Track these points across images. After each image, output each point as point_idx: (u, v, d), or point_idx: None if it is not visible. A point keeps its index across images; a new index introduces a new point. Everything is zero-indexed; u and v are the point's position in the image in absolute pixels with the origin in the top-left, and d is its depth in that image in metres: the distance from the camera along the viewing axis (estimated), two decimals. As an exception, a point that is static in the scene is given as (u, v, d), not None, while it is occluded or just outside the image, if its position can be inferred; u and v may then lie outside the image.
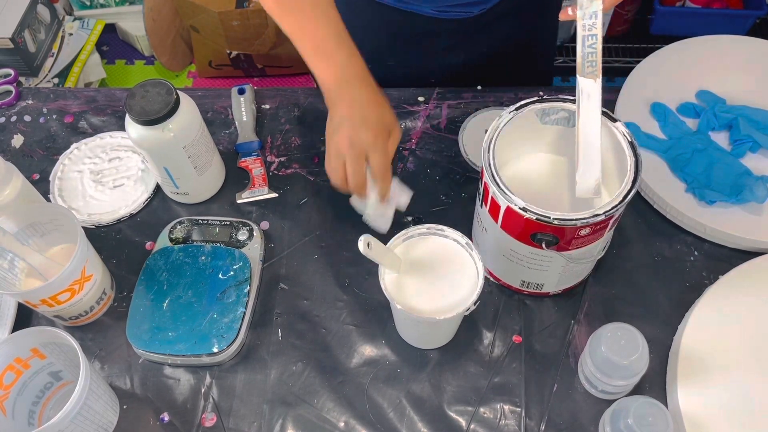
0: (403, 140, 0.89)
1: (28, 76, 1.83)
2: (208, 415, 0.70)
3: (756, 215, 0.78)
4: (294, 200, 0.85)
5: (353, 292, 0.77)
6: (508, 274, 0.74)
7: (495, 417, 0.69)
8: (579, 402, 0.70)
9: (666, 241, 0.79)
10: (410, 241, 0.68)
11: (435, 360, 0.73)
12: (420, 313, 0.64)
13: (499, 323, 0.75)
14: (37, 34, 1.85)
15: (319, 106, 0.94)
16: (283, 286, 0.78)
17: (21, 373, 0.67)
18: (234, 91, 0.94)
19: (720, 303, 0.72)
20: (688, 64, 0.91)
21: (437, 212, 0.83)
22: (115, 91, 0.98)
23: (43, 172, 0.89)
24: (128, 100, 0.74)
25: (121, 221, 0.84)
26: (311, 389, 0.71)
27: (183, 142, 0.76)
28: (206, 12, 1.89)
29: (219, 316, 0.73)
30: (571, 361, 0.72)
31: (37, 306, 0.70)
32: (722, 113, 0.84)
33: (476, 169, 0.86)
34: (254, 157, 0.89)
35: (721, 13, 1.79)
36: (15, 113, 0.96)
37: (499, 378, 0.71)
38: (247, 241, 0.79)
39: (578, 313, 0.75)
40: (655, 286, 0.76)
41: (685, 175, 0.80)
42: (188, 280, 0.75)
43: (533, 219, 0.62)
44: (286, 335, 0.75)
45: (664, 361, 0.71)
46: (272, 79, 2.12)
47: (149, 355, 0.73)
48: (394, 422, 0.69)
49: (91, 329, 0.76)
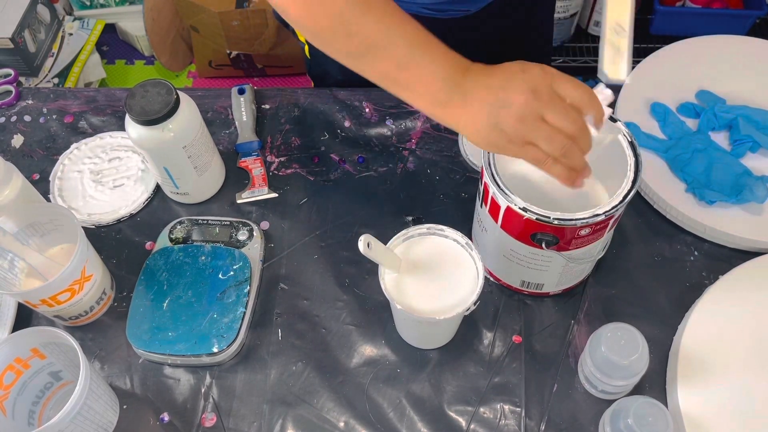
0: (403, 140, 0.89)
1: (28, 76, 1.83)
2: (208, 415, 0.70)
3: (756, 215, 0.78)
4: (294, 200, 0.85)
5: (353, 292, 0.77)
6: (508, 274, 0.74)
7: (495, 417, 0.69)
8: (579, 402, 0.70)
9: (666, 241, 0.79)
10: (410, 241, 0.68)
11: (435, 360, 0.73)
12: (420, 313, 0.64)
13: (499, 323, 0.75)
14: (37, 34, 1.85)
15: (319, 106, 0.94)
16: (283, 286, 0.78)
17: (21, 373, 0.67)
18: (234, 91, 0.94)
19: (720, 303, 0.72)
20: (688, 64, 0.91)
21: (437, 212, 0.83)
22: (115, 91, 0.98)
23: (43, 172, 0.89)
24: (128, 100, 0.74)
25: (121, 221, 0.84)
26: (311, 389, 0.71)
27: (183, 142, 0.76)
28: (206, 12, 1.89)
29: (219, 316, 0.73)
30: (571, 361, 0.72)
31: (37, 306, 0.70)
32: (722, 113, 0.84)
33: (476, 169, 0.86)
34: (254, 157, 0.89)
35: (721, 13, 1.79)
36: (15, 113, 0.96)
37: (499, 378, 0.71)
38: (247, 241, 0.79)
39: (578, 313, 0.75)
40: (655, 286, 0.76)
41: (685, 175, 0.81)
42: (188, 280, 0.75)
43: (533, 219, 0.62)
44: (286, 335, 0.75)
45: (664, 361, 0.71)
46: (272, 79, 2.12)
47: (149, 355, 0.73)
48: (394, 422, 0.69)
49: (91, 329, 0.76)
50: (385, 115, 0.92)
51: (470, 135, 0.60)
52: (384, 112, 0.92)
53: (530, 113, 0.56)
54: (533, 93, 0.55)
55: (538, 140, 0.57)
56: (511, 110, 0.56)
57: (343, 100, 0.94)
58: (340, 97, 0.94)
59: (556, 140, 0.56)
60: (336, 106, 0.93)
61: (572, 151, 0.57)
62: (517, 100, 0.56)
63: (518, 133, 0.57)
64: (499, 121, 0.56)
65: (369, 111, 0.93)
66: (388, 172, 0.87)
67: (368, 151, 0.89)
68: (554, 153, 0.57)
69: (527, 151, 0.58)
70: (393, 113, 0.92)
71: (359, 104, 0.93)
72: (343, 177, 0.87)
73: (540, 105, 0.56)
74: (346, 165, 0.88)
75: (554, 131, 0.56)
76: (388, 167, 0.87)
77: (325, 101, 0.94)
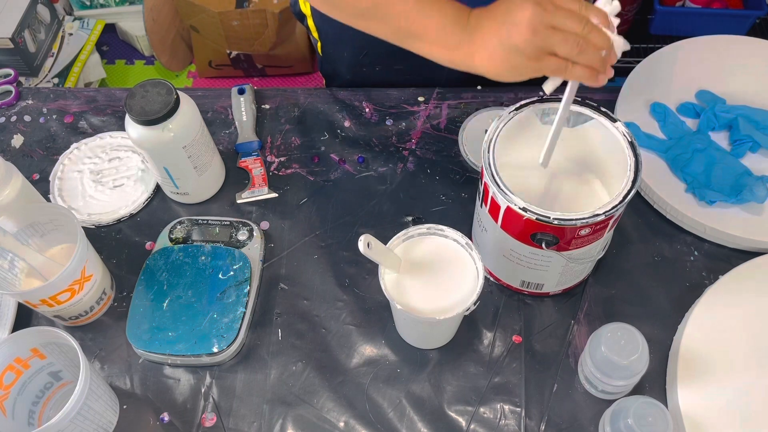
0: (403, 140, 0.89)
1: (28, 76, 1.83)
2: (208, 415, 0.70)
3: (756, 215, 0.78)
4: (294, 200, 0.85)
5: (353, 292, 0.77)
6: (508, 274, 0.74)
7: (495, 417, 0.69)
8: (579, 402, 0.70)
9: (666, 241, 0.79)
10: (410, 241, 0.68)
11: (435, 360, 0.73)
12: (420, 313, 0.64)
13: (499, 323, 0.75)
14: (37, 34, 1.85)
15: (319, 106, 0.94)
16: (283, 286, 0.78)
17: (21, 373, 0.67)
18: (234, 91, 0.94)
19: (720, 303, 0.72)
20: (688, 64, 0.91)
21: (437, 212, 0.83)
22: (115, 91, 0.98)
23: (43, 172, 0.89)
24: (128, 100, 0.74)
25: (121, 221, 0.84)
26: (311, 389, 0.71)
27: (183, 142, 0.76)
28: (206, 12, 1.89)
29: (219, 316, 0.73)
30: (571, 361, 0.72)
31: (37, 306, 0.70)
32: (722, 113, 0.84)
33: (476, 169, 0.86)
34: (254, 157, 0.89)
35: (721, 13, 1.79)
36: (15, 113, 0.96)
37: (499, 378, 0.71)
38: (247, 241, 0.79)
39: (578, 313, 0.75)
40: (655, 286, 0.76)
41: (685, 175, 0.80)
42: (188, 280, 0.75)
43: (533, 219, 0.62)
44: (286, 335, 0.75)
45: (664, 361, 0.71)
46: (272, 79, 2.12)
47: (149, 355, 0.73)
48: (394, 422, 0.69)
49: (91, 329, 0.76)
50: (385, 115, 0.92)
51: (488, 67, 0.62)
52: (384, 112, 0.92)
53: (540, 23, 0.58)
54: (537, 5, 0.58)
55: (553, 46, 0.59)
56: (521, 27, 0.58)
57: (343, 100, 0.94)
58: (340, 97, 0.94)
59: (570, 40, 0.58)
60: (336, 106, 0.93)
61: (587, 48, 0.59)
62: (524, 16, 0.58)
63: (534, 46, 0.59)
64: (512, 41, 0.59)
65: (369, 111, 0.93)
66: (388, 172, 0.87)
67: (368, 151, 0.89)
68: (571, 54, 0.59)
69: (547, 62, 0.60)
70: (393, 113, 0.92)
71: (359, 104, 0.93)
72: (343, 177, 0.87)
73: (546, 14, 0.58)
74: (346, 165, 0.88)
75: (567, 33, 0.58)
76: (388, 167, 0.87)
77: (325, 101, 0.94)
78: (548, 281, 0.72)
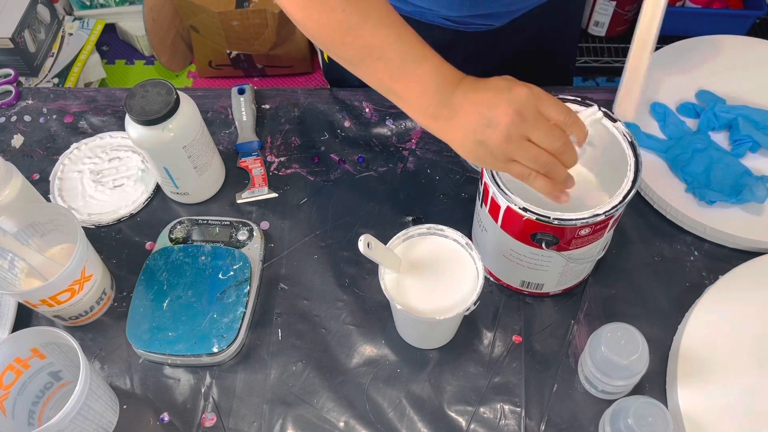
0: (403, 140, 0.89)
1: (28, 76, 1.83)
2: (208, 415, 0.70)
3: (756, 215, 0.78)
4: (294, 200, 0.85)
5: (353, 292, 0.77)
6: (508, 274, 0.74)
7: (495, 417, 0.69)
8: (579, 402, 0.70)
9: (666, 241, 0.79)
10: (410, 241, 0.68)
11: (435, 360, 0.73)
12: (420, 313, 0.64)
13: (499, 323, 0.75)
14: (37, 34, 1.85)
15: (319, 106, 0.94)
16: (283, 286, 0.78)
17: (21, 373, 0.67)
18: (234, 91, 0.94)
19: (720, 303, 0.72)
20: (688, 64, 0.91)
21: (437, 212, 0.83)
22: (115, 91, 0.98)
23: (43, 172, 0.89)
24: (128, 100, 0.74)
25: (121, 221, 0.84)
26: (311, 389, 0.71)
27: (183, 142, 0.76)
28: (206, 12, 1.89)
29: (219, 316, 0.73)
30: (571, 361, 0.72)
31: (37, 306, 0.70)
32: (722, 113, 0.84)
33: (476, 169, 0.86)
34: (254, 157, 0.89)
35: (721, 13, 1.79)
36: (15, 113, 0.96)
37: (499, 378, 0.71)
38: (247, 241, 0.79)
39: (578, 313, 0.75)
40: (655, 286, 0.76)
41: (685, 175, 0.81)
42: (188, 280, 0.75)
43: (533, 219, 0.62)
44: (286, 335, 0.75)
45: (664, 361, 0.71)
46: (272, 79, 2.12)
47: (149, 355, 0.73)
48: (394, 422, 0.69)
49: (91, 329, 0.76)
50: (385, 115, 0.92)
51: (457, 149, 0.62)
52: (384, 112, 0.92)
53: (515, 133, 0.58)
54: (519, 114, 0.57)
55: (522, 159, 0.59)
56: (497, 130, 0.58)
57: (343, 100, 0.94)
58: (340, 97, 0.94)
59: (540, 159, 0.59)
60: (336, 106, 0.93)
61: (556, 167, 0.60)
62: (503, 121, 0.57)
63: (503, 152, 0.59)
64: (485, 139, 0.59)
65: (369, 111, 0.93)
66: (388, 172, 0.87)
67: (368, 151, 0.89)
68: (538, 170, 0.60)
69: (512, 167, 0.60)
70: (393, 113, 0.92)
71: (359, 104, 0.93)
72: (343, 177, 0.87)
73: (525, 126, 0.58)
74: (346, 165, 0.88)
75: (538, 150, 0.59)
76: (388, 167, 0.87)
77: (325, 101, 0.94)
78: (548, 281, 0.72)
